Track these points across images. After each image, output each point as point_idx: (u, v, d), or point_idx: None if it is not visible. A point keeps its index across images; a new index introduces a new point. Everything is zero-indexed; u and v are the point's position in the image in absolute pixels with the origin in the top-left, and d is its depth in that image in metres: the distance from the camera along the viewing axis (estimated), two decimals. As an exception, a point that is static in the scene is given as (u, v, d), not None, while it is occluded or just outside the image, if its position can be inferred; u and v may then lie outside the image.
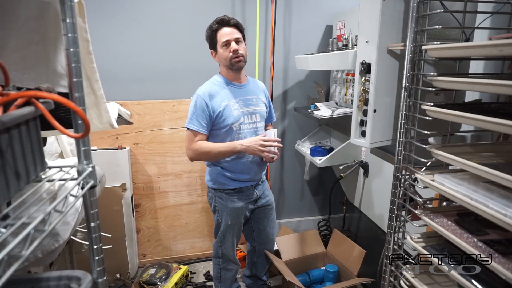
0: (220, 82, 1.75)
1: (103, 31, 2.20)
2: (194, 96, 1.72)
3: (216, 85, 1.74)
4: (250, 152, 1.70)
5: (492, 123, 0.83)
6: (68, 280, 0.67)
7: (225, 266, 1.95)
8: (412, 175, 1.22)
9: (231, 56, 1.67)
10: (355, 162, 2.10)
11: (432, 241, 1.16)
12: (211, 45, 1.75)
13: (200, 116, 1.67)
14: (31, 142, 0.64)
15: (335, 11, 2.45)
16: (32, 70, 0.86)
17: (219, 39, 1.68)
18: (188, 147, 1.71)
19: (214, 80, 1.76)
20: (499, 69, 1.24)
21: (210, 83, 1.75)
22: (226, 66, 1.71)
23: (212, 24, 1.70)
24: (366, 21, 1.40)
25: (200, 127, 1.67)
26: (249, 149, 1.67)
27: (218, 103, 1.69)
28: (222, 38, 1.67)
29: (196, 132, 1.68)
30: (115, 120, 1.12)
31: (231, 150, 1.68)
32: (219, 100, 1.69)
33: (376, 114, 1.45)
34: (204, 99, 1.67)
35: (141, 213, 2.45)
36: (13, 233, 0.48)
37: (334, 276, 2.11)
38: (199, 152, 1.69)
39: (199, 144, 1.68)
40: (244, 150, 1.68)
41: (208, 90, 1.70)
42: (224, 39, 1.66)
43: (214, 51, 1.74)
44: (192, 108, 1.69)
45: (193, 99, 1.72)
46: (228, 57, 1.67)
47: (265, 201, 1.92)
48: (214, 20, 1.70)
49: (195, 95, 1.71)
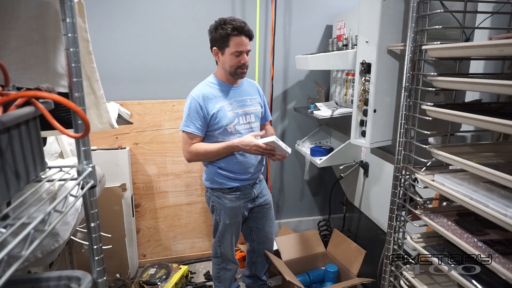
0: (214, 83, 1.75)
1: (103, 31, 2.20)
2: (188, 98, 1.71)
3: (210, 86, 1.73)
4: (246, 152, 1.69)
5: (492, 123, 0.83)
6: (68, 280, 0.67)
7: (224, 266, 1.95)
8: (412, 175, 1.22)
9: (238, 66, 1.67)
10: (355, 162, 2.10)
11: (432, 241, 1.16)
12: (217, 45, 1.66)
13: (195, 118, 1.66)
14: (31, 142, 0.64)
15: (335, 11, 2.45)
16: (32, 70, 0.86)
17: (231, 45, 1.62)
18: (184, 149, 1.71)
19: (208, 82, 1.76)
20: (499, 69, 1.24)
21: (203, 85, 1.74)
22: (228, 71, 1.70)
23: (227, 26, 1.59)
24: (366, 21, 1.40)
25: (195, 129, 1.67)
26: (245, 149, 1.66)
27: (212, 105, 1.68)
28: (236, 46, 1.62)
29: (192, 135, 1.68)
30: (115, 120, 1.12)
31: (230, 149, 1.68)
32: (213, 102, 1.69)
33: (376, 114, 1.45)
34: (198, 101, 1.66)
35: (141, 213, 2.45)
36: (13, 233, 0.48)
37: (334, 276, 2.11)
38: (197, 154, 1.69)
39: (196, 147, 1.68)
40: (241, 149, 1.68)
41: (201, 92, 1.69)
42: (238, 48, 1.62)
43: (220, 52, 1.67)
44: (187, 111, 1.68)
45: (187, 102, 1.70)
46: (235, 66, 1.66)
47: (263, 200, 1.93)
48: (229, 22, 1.60)
49: (189, 98, 1.70)
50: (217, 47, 1.67)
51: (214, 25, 1.65)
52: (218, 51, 1.68)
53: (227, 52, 1.64)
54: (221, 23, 1.62)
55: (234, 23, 1.60)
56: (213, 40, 1.68)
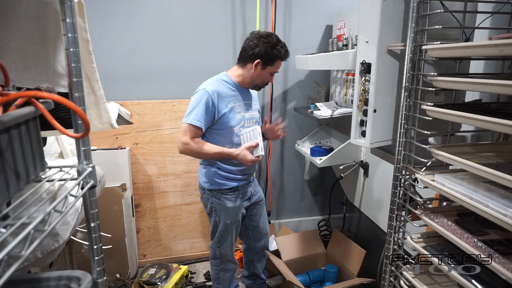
0: (228, 82, 1.73)
1: (103, 31, 2.20)
2: (200, 91, 1.67)
3: (223, 85, 1.72)
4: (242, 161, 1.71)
5: (492, 123, 0.83)
6: (68, 280, 0.67)
7: (223, 266, 1.95)
8: (412, 175, 1.22)
9: (265, 83, 1.79)
10: (355, 162, 2.10)
11: (432, 241, 1.16)
12: (264, 59, 1.67)
13: (204, 113, 1.64)
14: (31, 142, 0.64)
15: (335, 11, 2.45)
16: (32, 70, 0.86)
17: (275, 66, 1.72)
18: (181, 140, 1.66)
19: (221, 79, 1.73)
20: (499, 69, 1.24)
21: (218, 82, 1.72)
22: (255, 83, 1.75)
23: (282, 50, 1.69)
24: (366, 21, 1.40)
25: (201, 124, 1.64)
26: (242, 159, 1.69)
27: (224, 104, 1.68)
28: (277, 68, 1.75)
29: (195, 128, 1.64)
30: (115, 120, 1.12)
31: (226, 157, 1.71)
32: (225, 101, 1.68)
33: (376, 114, 1.45)
34: (212, 97, 1.64)
35: (141, 213, 2.45)
36: (13, 233, 0.48)
37: (334, 276, 2.12)
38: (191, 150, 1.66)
39: (193, 143, 1.65)
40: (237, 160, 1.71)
41: (216, 89, 1.67)
42: (277, 70, 1.76)
43: (261, 66, 1.69)
44: (197, 103, 1.64)
45: (198, 94, 1.66)
46: (264, 82, 1.77)
47: (257, 197, 1.96)
48: (283, 46, 1.70)
49: (201, 91, 1.66)
50: (262, 61, 1.68)
51: (272, 42, 1.67)
52: (261, 66, 1.69)
53: (268, 69, 1.72)
54: (277, 43, 1.69)
55: (285, 48, 1.72)
56: (263, 53, 1.67)
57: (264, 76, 1.72)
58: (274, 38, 1.69)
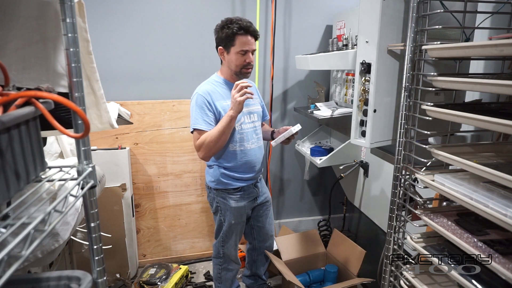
0: (219, 82, 1.75)
1: (103, 31, 2.20)
2: (194, 96, 1.70)
3: (215, 85, 1.73)
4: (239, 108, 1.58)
5: (492, 123, 0.83)
6: (68, 280, 0.67)
7: (226, 266, 1.95)
8: (412, 175, 1.22)
9: (244, 65, 1.67)
10: (355, 162, 2.10)
11: (432, 241, 1.16)
12: (223, 44, 1.66)
13: (204, 114, 1.64)
14: (31, 142, 0.64)
15: (335, 11, 2.45)
16: (32, 70, 0.86)
17: (237, 44, 1.63)
18: (195, 147, 1.66)
19: (213, 80, 1.75)
20: (499, 69, 1.24)
21: (209, 83, 1.73)
22: (233, 70, 1.70)
23: (233, 25, 1.61)
24: (366, 21, 1.40)
25: (207, 126, 1.63)
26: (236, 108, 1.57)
27: (219, 103, 1.68)
28: (242, 46, 1.63)
29: (203, 132, 1.63)
30: (115, 120, 1.12)
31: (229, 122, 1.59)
32: (220, 100, 1.69)
33: (376, 114, 1.45)
34: (205, 97, 1.65)
35: (141, 213, 2.45)
36: (13, 233, 0.48)
37: (334, 276, 2.11)
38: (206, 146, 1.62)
39: (202, 140, 1.62)
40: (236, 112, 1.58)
41: (208, 89, 1.68)
42: (244, 48, 1.63)
43: (225, 51, 1.67)
44: (195, 108, 1.65)
45: (193, 99, 1.69)
46: (241, 65, 1.67)
47: (264, 198, 1.94)
48: (236, 21, 1.62)
49: (195, 95, 1.69)
50: (222, 46, 1.67)
51: (220, 25, 1.66)
52: (224, 50, 1.68)
53: (233, 51, 1.65)
54: (228, 22, 1.63)
55: (240, 22, 1.62)
56: (219, 39, 1.68)
57: (235, 59, 1.65)
58: (225, 20, 1.65)
